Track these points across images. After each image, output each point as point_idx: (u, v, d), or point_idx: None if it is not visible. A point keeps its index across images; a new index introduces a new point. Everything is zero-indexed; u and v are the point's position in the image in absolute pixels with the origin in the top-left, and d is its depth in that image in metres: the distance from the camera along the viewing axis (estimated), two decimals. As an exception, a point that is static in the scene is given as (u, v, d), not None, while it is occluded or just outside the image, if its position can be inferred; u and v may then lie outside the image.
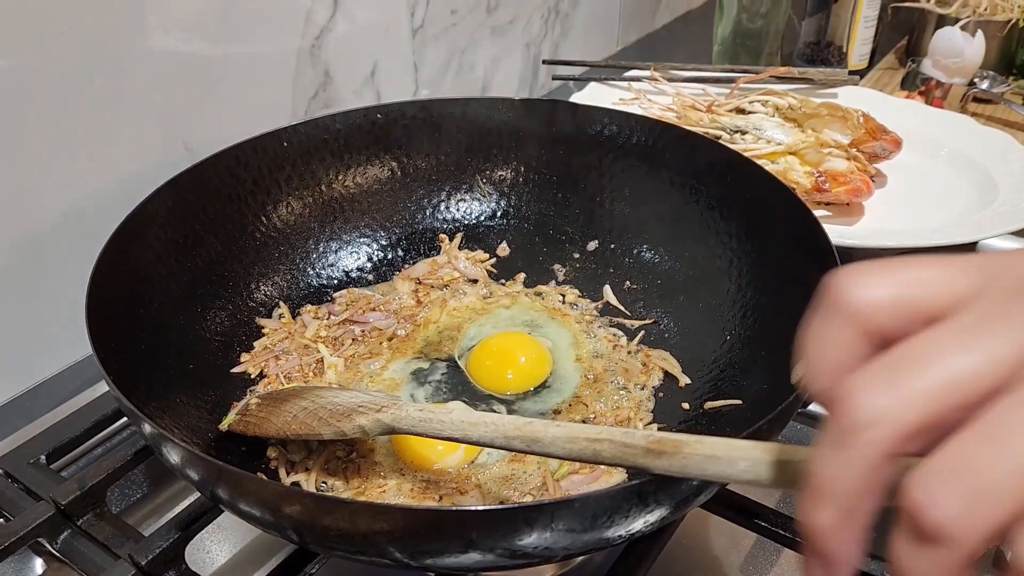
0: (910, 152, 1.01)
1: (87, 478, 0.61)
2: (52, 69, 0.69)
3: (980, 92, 1.27)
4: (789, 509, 0.66)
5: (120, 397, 0.48)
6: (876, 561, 0.54)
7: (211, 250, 0.70)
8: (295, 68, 0.90)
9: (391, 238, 0.81)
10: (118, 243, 0.60)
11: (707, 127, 1.00)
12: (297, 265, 0.76)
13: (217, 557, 0.64)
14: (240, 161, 0.73)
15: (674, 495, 0.45)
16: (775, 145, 0.96)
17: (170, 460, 0.47)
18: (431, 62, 1.09)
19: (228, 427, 0.59)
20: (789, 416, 0.52)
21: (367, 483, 0.59)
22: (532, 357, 0.70)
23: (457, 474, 0.60)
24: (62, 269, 0.74)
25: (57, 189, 0.72)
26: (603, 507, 0.42)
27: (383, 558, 0.44)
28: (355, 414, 0.54)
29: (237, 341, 0.70)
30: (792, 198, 0.66)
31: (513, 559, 0.44)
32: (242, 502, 0.45)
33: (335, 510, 0.43)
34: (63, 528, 0.60)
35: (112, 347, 0.53)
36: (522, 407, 0.67)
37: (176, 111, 0.80)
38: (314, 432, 0.55)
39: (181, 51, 0.78)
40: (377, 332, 0.73)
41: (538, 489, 0.58)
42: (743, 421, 0.60)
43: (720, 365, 0.67)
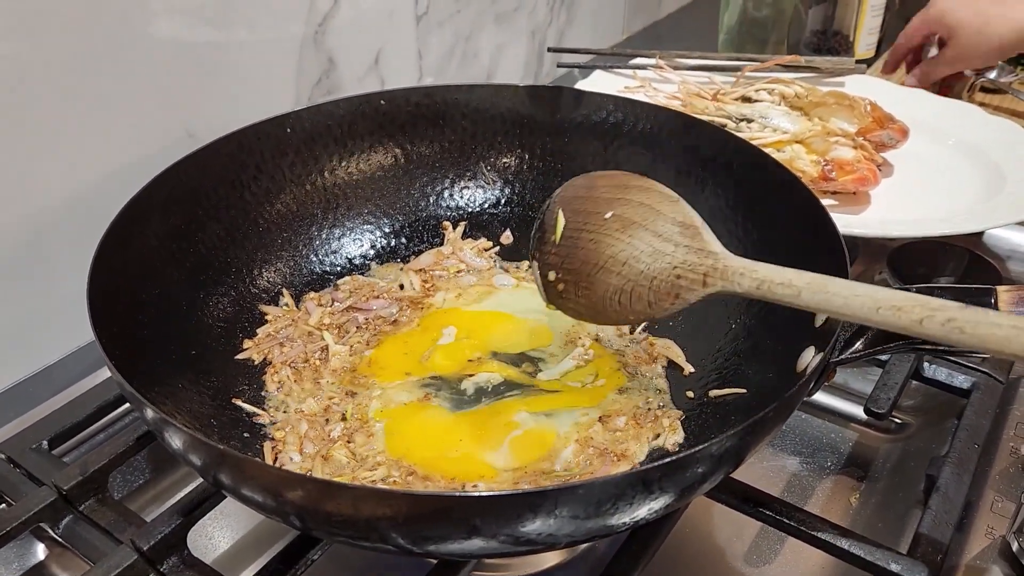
0: (917, 141, 1.00)
1: (89, 463, 0.61)
2: (55, 55, 0.68)
3: (987, 82, 1.26)
4: (794, 498, 0.66)
5: (122, 382, 0.47)
6: (883, 551, 0.54)
7: (213, 236, 0.70)
8: (298, 54, 0.90)
9: (394, 225, 0.81)
10: (120, 228, 0.60)
11: (713, 115, 1.00)
12: (300, 252, 0.76)
13: (219, 543, 0.64)
14: (243, 147, 0.72)
15: (679, 482, 0.44)
16: (781, 133, 0.95)
17: (172, 445, 0.47)
18: (435, 49, 1.09)
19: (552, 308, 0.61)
20: (794, 404, 0.51)
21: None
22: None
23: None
24: (64, 255, 0.73)
25: (59, 175, 0.72)
26: (607, 494, 0.42)
27: (386, 544, 0.44)
28: (681, 292, 0.53)
29: (240, 327, 0.69)
30: (799, 186, 0.66)
31: (516, 546, 0.44)
32: (244, 487, 0.45)
33: (338, 495, 0.42)
34: (65, 513, 0.60)
35: (114, 333, 0.53)
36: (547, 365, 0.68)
37: (179, 97, 0.79)
38: (647, 316, 0.55)
39: (184, 37, 0.78)
40: (381, 320, 0.73)
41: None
42: (748, 409, 0.59)
43: (725, 353, 0.67)
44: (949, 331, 0.41)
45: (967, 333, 0.41)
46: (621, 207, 0.57)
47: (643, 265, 0.54)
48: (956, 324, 0.41)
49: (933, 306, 0.42)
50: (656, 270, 0.54)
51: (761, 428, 0.47)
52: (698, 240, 0.54)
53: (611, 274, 0.56)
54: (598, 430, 0.62)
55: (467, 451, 0.60)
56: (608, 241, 0.56)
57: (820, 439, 0.72)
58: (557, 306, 0.61)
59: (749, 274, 0.51)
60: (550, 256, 0.60)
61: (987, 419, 0.67)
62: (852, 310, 0.45)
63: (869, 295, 0.45)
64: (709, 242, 0.53)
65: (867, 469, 0.70)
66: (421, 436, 0.61)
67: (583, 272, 0.58)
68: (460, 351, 0.69)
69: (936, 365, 0.73)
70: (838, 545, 0.55)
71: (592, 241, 0.57)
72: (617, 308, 0.56)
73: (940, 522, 0.58)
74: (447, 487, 0.57)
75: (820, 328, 0.56)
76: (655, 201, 0.56)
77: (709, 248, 0.53)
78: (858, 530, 0.56)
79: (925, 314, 0.42)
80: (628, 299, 0.55)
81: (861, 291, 0.45)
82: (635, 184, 0.58)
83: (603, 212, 0.57)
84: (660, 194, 0.57)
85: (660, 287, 0.54)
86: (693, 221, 0.55)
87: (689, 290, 0.53)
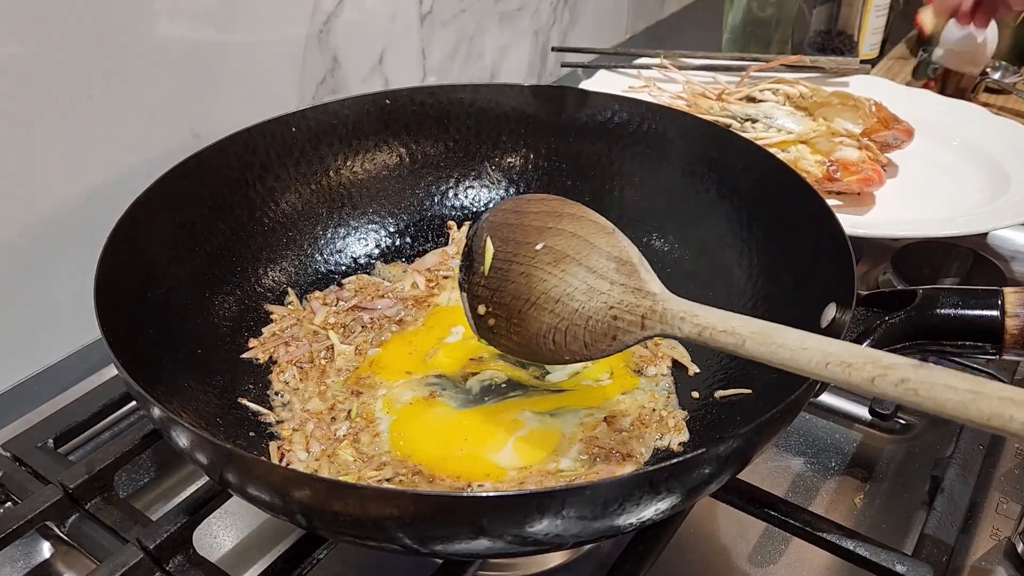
0: (922, 142, 1.00)
1: (95, 462, 0.61)
2: (60, 56, 0.68)
3: (992, 82, 1.26)
4: (798, 498, 0.66)
5: (129, 380, 0.47)
6: (888, 552, 0.54)
7: (219, 235, 0.70)
8: (303, 54, 0.90)
9: (399, 225, 0.81)
10: (126, 227, 0.60)
11: (717, 115, 1.00)
12: (305, 251, 0.76)
13: (224, 542, 0.64)
14: (248, 146, 0.72)
15: (686, 483, 0.44)
16: (786, 134, 0.95)
17: (179, 444, 0.47)
18: (439, 49, 1.09)
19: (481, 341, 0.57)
20: (800, 406, 0.51)
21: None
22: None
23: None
24: (70, 254, 0.73)
25: (65, 175, 0.72)
26: (614, 494, 0.42)
27: (392, 543, 0.44)
28: (619, 334, 0.50)
29: (245, 326, 0.69)
30: (804, 187, 0.66)
31: (523, 546, 0.44)
32: (251, 486, 0.45)
33: (345, 495, 0.42)
34: (71, 512, 0.60)
35: (121, 331, 0.53)
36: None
37: (184, 97, 0.79)
38: (583, 357, 0.52)
39: (188, 37, 0.78)
40: (386, 319, 0.73)
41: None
42: (754, 410, 0.59)
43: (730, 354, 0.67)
44: (903, 392, 0.39)
45: (921, 396, 0.38)
46: (553, 237, 0.54)
47: (577, 304, 0.52)
48: (909, 386, 0.38)
49: (884, 364, 0.40)
50: (591, 309, 0.51)
51: (768, 429, 0.47)
52: (635, 279, 0.50)
53: (544, 311, 0.53)
54: (603, 430, 0.62)
55: (472, 450, 0.60)
56: (540, 275, 0.53)
57: (825, 440, 0.72)
58: (488, 342, 0.58)
59: (690, 319, 0.48)
60: (480, 288, 0.57)
61: (992, 420, 0.67)
62: (799, 364, 0.43)
63: (819, 348, 0.42)
64: (647, 281, 0.50)
65: (872, 470, 0.70)
66: (426, 435, 0.61)
67: (514, 308, 0.55)
68: (465, 350, 0.69)
69: (941, 366, 0.72)
70: (843, 546, 0.54)
71: (523, 275, 0.54)
72: (551, 347, 0.53)
73: (945, 523, 0.58)
74: (453, 487, 0.57)
75: (826, 329, 0.56)
76: (588, 232, 0.53)
77: (647, 288, 0.50)
78: (862, 531, 0.56)
79: (876, 373, 0.39)
80: (563, 338, 0.52)
81: (810, 344, 0.43)
82: (567, 212, 0.55)
83: (534, 243, 0.54)
84: (594, 224, 0.54)
85: (596, 327, 0.51)
86: (629, 257, 0.51)
87: (627, 332, 0.50)
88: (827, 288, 0.57)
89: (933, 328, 0.54)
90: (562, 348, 0.53)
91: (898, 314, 0.54)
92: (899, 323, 0.54)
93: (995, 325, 0.52)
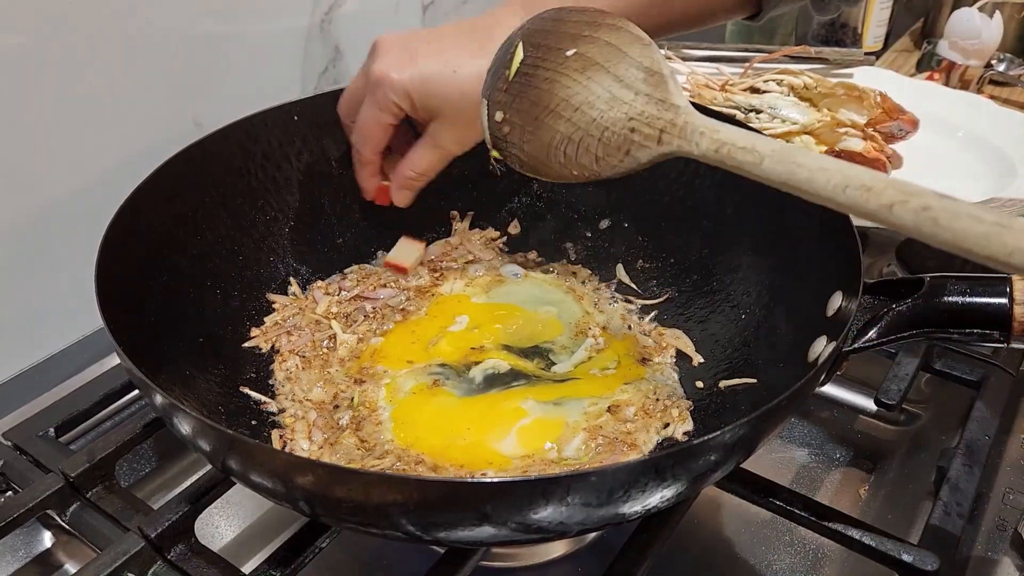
0: (927, 133, 1.00)
1: (96, 451, 0.61)
2: (62, 45, 0.68)
3: (997, 74, 1.25)
4: (803, 489, 0.65)
5: (132, 368, 0.47)
6: (894, 542, 0.54)
7: (221, 224, 0.69)
8: (305, 44, 0.89)
9: (401, 214, 0.80)
10: (128, 216, 0.59)
11: (722, 106, 0.99)
12: (307, 240, 0.75)
13: (226, 531, 0.64)
14: (250, 134, 0.72)
15: (691, 470, 0.44)
16: (790, 124, 0.95)
17: (181, 431, 0.47)
18: (442, 39, 1.08)
19: (494, 159, 0.56)
20: (806, 395, 0.51)
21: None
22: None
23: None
24: (72, 243, 0.73)
25: (67, 164, 0.72)
26: (620, 481, 0.41)
27: (395, 531, 0.44)
28: (633, 148, 0.48)
29: (247, 315, 0.69)
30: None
31: (527, 534, 0.44)
32: (254, 473, 0.45)
33: (348, 481, 0.42)
34: (72, 500, 0.60)
35: (123, 319, 0.52)
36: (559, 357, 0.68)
37: (186, 87, 0.79)
38: (591, 174, 0.50)
39: (190, 27, 0.77)
40: (389, 309, 0.73)
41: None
42: (758, 399, 0.59)
43: (735, 344, 0.67)
44: (922, 221, 0.37)
45: (942, 225, 0.36)
46: (585, 45, 0.51)
47: (597, 112, 0.50)
48: (931, 214, 0.36)
49: (908, 191, 0.38)
50: (610, 120, 0.49)
51: (773, 417, 0.47)
52: (662, 89, 0.48)
53: (560, 119, 0.51)
54: (607, 420, 0.61)
55: (475, 439, 0.60)
56: (564, 82, 0.51)
57: (830, 430, 0.72)
58: (499, 150, 0.56)
59: (710, 134, 0.45)
60: (501, 94, 0.55)
61: (998, 411, 0.67)
62: (817, 186, 0.41)
63: (839, 170, 0.40)
64: (673, 93, 0.48)
65: (877, 460, 0.69)
66: (429, 424, 0.61)
67: (531, 114, 0.53)
68: (468, 339, 0.69)
69: (947, 357, 0.72)
70: (848, 535, 0.54)
71: (547, 80, 0.52)
72: (561, 160, 0.51)
73: (951, 513, 0.57)
74: (456, 475, 0.57)
75: (832, 318, 0.56)
76: (624, 42, 0.50)
77: (672, 100, 0.48)
78: (868, 521, 0.56)
79: (897, 198, 0.37)
80: (575, 150, 0.50)
81: (830, 165, 0.41)
82: (607, 23, 0.52)
83: (565, 48, 0.52)
84: (631, 35, 0.51)
85: (611, 140, 0.49)
86: (660, 68, 0.49)
87: (641, 147, 0.48)
88: (833, 276, 0.57)
89: (940, 316, 0.53)
90: (571, 161, 0.51)
91: (905, 302, 0.54)
92: (906, 311, 0.54)
93: (1003, 313, 0.51)
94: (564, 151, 0.51)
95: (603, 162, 0.50)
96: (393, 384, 0.65)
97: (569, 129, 0.51)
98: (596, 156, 0.50)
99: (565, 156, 0.51)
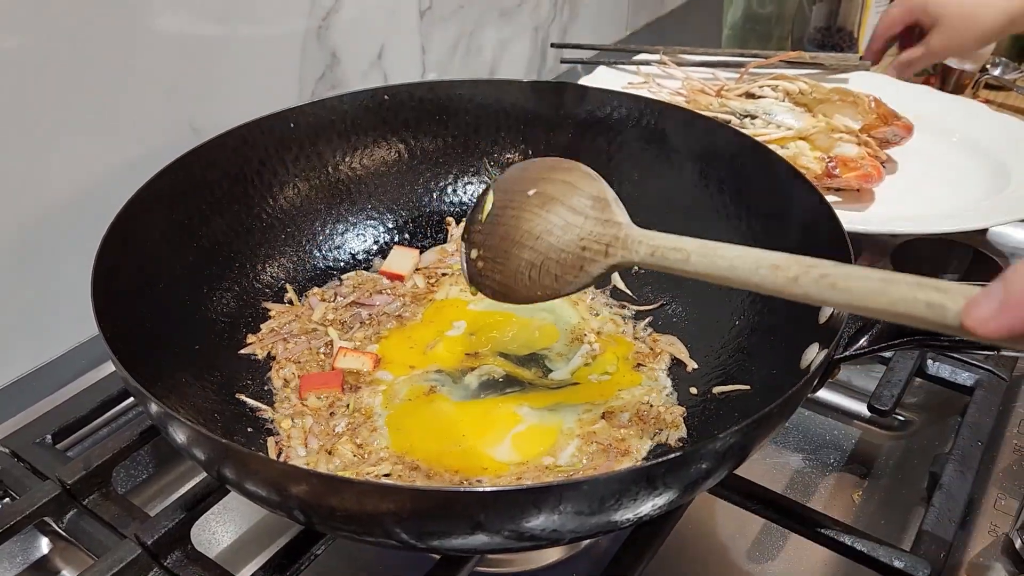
0: (921, 138, 1.00)
1: (93, 458, 0.61)
2: (59, 49, 0.68)
3: (992, 79, 1.26)
4: (796, 495, 0.66)
5: (127, 376, 0.47)
6: (886, 548, 0.54)
7: (217, 230, 0.70)
8: (302, 50, 0.90)
9: (398, 221, 0.81)
10: (124, 223, 0.60)
11: (716, 111, 1.00)
12: (304, 247, 0.76)
13: (223, 538, 0.64)
14: (246, 141, 0.72)
15: (683, 478, 0.44)
16: (785, 130, 0.95)
17: (177, 440, 0.47)
18: (439, 44, 1.08)
19: (473, 292, 0.61)
20: (798, 402, 0.51)
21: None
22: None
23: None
24: (69, 250, 0.73)
25: (64, 170, 0.72)
26: (611, 489, 0.42)
27: (389, 539, 0.44)
28: (585, 264, 0.54)
29: (243, 323, 0.69)
30: (804, 183, 0.65)
31: (520, 541, 0.44)
32: (249, 481, 0.45)
33: (342, 490, 0.42)
34: (69, 507, 0.60)
35: (118, 327, 0.52)
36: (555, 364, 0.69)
37: (183, 92, 0.79)
38: (552, 292, 0.56)
39: (188, 32, 0.77)
40: (385, 315, 0.73)
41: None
42: (752, 406, 0.59)
43: (729, 350, 0.67)
44: (823, 288, 0.41)
45: (839, 288, 0.40)
46: (544, 185, 0.58)
47: (554, 238, 0.56)
48: (829, 280, 0.41)
49: (808, 263, 0.42)
50: (565, 242, 0.55)
51: (765, 424, 0.47)
52: (606, 212, 0.54)
53: (525, 248, 0.57)
54: (602, 426, 0.61)
55: (470, 446, 0.60)
56: (527, 216, 0.58)
57: (823, 436, 0.72)
58: (476, 286, 0.62)
59: (647, 242, 0.51)
60: (476, 235, 0.62)
61: (991, 417, 0.67)
62: (737, 272, 0.45)
63: (753, 256, 0.45)
64: (616, 213, 0.54)
65: (870, 466, 0.70)
66: (424, 430, 0.61)
67: (501, 248, 0.59)
68: (465, 345, 0.69)
69: (940, 363, 0.72)
70: (841, 542, 0.55)
71: (513, 217, 0.59)
72: (527, 283, 0.57)
73: (943, 519, 0.58)
74: (451, 482, 0.57)
75: (824, 325, 0.56)
76: (576, 179, 0.57)
77: (615, 219, 0.54)
78: (861, 527, 0.56)
79: (800, 271, 0.42)
80: (538, 273, 0.56)
81: (747, 254, 0.46)
82: (563, 166, 0.59)
83: (527, 190, 0.59)
84: (583, 173, 0.58)
85: (566, 260, 0.55)
86: (605, 195, 0.55)
87: (592, 261, 0.54)
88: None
89: (931, 324, 0.54)
90: (536, 283, 0.57)
91: (897, 310, 0.54)
92: (897, 319, 0.54)
93: (994, 321, 0.52)
94: (529, 275, 0.57)
95: (561, 280, 0.55)
96: (389, 391, 0.65)
97: (532, 256, 0.57)
98: (555, 275, 0.56)
99: (530, 279, 0.57)
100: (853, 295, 0.40)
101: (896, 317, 0.38)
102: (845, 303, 0.40)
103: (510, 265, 0.58)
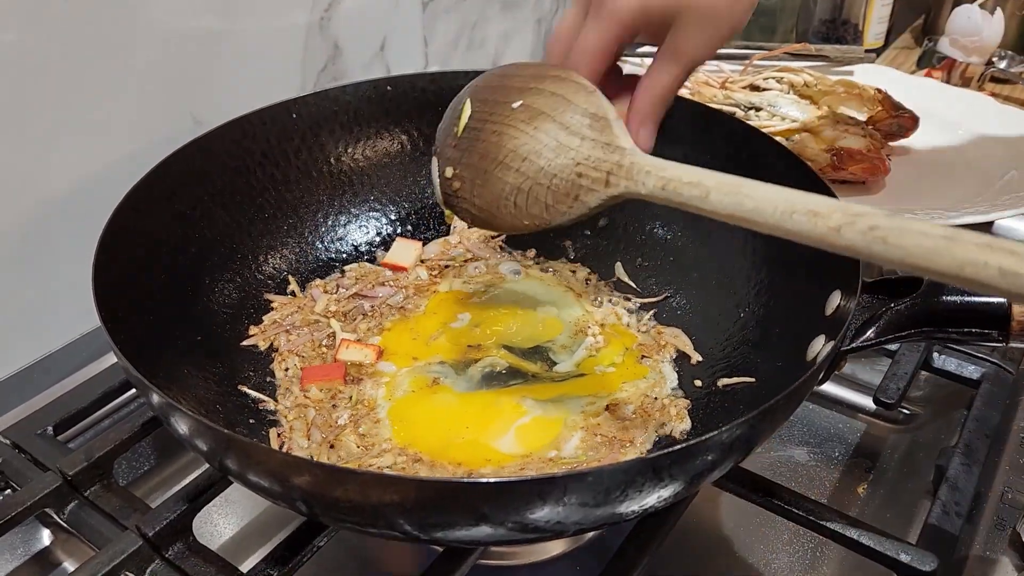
0: (927, 130, 1.00)
1: (94, 449, 0.61)
2: (59, 42, 0.68)
3: (998, 72, 1.25)
4: (802, 488, 0.65)
5: (128, 367, 0.47)
6: (892, 541, 0.54)
7: (219, 222, 0.69)
8: (304, 41, 0.89)
9: (400, 212, 0.80)
10: (125, 214, 0.59)
11: (721, 103, 0.99)
12: (306, 239, 0.75)
13: (224, 530, 0.64)
14: (248, 132, 0.72)
15: (689, 470, 0.44)
16: (790, 122, 0.94)
17: (179, 431, 0.47)
18: (441, 36, 1.08)
19: (448, 219, 0.56)
20: (804, 394, 0.51)
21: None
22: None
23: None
24: (70, 242, 0.73)
25: (65, 162, 0.71)
26: (616, 481, 0.41)
27: (393, 531, 0.44)
28: (581, 193, 0.48)
29: (245, 314, 0.69)
30: (810, 174, 0.65)
31: (524, 533, 0.44)
32: (251, 472, 0.45)
33: (346, 481, 0.42)
34: (70, 499, 0.60)
35: (120, 318, 0.52)
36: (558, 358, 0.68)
37: (184, 84, 0.79)
38: (542, 222, 0.50)
39: (189, 23, 0.77)
40: (387, 307, 0.73)
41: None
42: (757, 398, 0.59)
43: (733, 342, 0.66)
44: (870, 241, 0.36)
45: (890, 244, 0.35)
46: (531, 96, 0.51)
47: (544, 161, 0.49)
48: (878, 233, 0.36)
49: (853, 211, 0.37)
50: (557, 167, 0.49)
51: (771, 416, 0.47)
52: (607, 133, 0.48)
53: (509, 171, 0.51)
54: (605, 418, 0.61)
55: (473, 438, 0.60)
56: (511, 133, 0.51)
57: (828, 429, 0.72)
58: (451, 207, 0.56)
59: (656, 172, 0.45)
60: (450, 150, 0.55)
61: (997, 410, 0.67)
62: (764, 215, 0.40)
63: (785, 198, 0.40)
64: (619, 136, 0.48)
65: (876, 460, 0.69)
66: (427, 422, 0.61)
67: (480, 168, 0.52)
68: (469, 337, 0.69)
69: (946, 355, 0.72)
70: (847, 535, 0.54)
71: (495, 133, 0.52)
72: (512, 211, 0.51)
73: (949, 513, 0.57)
74: (454, 474, 0.57)
75: (830, 316, 0.55)
76: (569, 91, 0.50)
77: (617, 143, 0.47)
78: (866, 521, 0.56)
79: (844, 220, 0.37)
80: (525, 200, 0.50)
81: (776, 194, 0.40)
82: (552, 74, 0.52)
83: (512, 101, 0.52)
84: (576, 84, 0.50)
85: (559, 186, 0.49)
86: (605, 113, 0.49)
87: (590, 191, 0.48)
88: (831, 275, 0.57)
89: (939, 315, 0.53)
90: (522, 211, 0.51)
91: (903, 301, 0.54)
92: (904, 310, 0.54)
93: (1001, 312, 0.51)
94: (514, 201, 0.51)
95: (553, 209, 0.50)
96: (392, 382, 0.65)
97: (518, 179, 0.50)
98: (546, 204, 0.50)
99: (515, 207, 0.51)
100: (908, 252, 0.35)
101: (961, 282, 0.34)
102: (898, 260, 0.35)
103: (491, 188, 0.52)
